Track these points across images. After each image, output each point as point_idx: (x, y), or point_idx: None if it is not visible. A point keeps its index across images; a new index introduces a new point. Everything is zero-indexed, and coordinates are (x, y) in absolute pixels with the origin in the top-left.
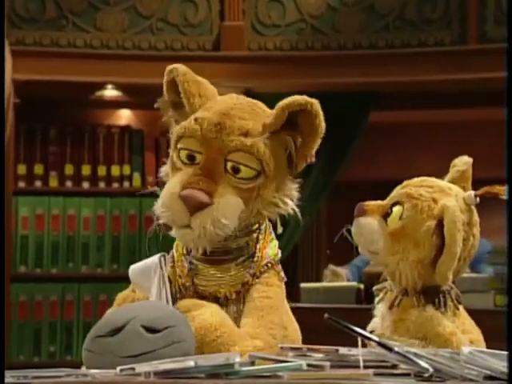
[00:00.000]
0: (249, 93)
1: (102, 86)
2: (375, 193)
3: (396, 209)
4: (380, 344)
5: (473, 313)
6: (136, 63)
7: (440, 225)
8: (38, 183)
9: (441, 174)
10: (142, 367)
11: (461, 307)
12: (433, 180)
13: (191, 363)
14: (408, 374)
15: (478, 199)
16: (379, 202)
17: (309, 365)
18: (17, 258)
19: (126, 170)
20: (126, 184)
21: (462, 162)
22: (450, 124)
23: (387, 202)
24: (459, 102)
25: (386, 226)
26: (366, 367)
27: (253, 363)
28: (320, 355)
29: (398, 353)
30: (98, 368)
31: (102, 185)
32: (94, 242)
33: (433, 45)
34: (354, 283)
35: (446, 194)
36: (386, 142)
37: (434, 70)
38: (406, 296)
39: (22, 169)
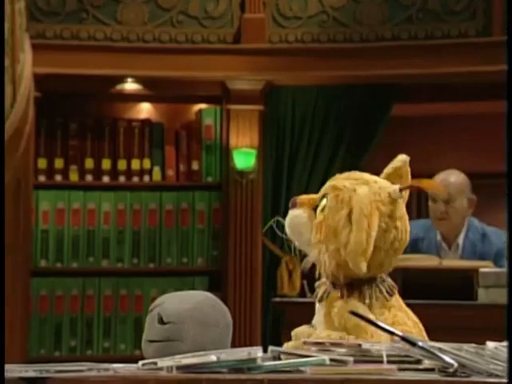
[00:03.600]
0: (269, 86)
1: (122, 79)
2: None
3: (323, 201)
4: (403, 339)
5: (497, 308)
6: (156, 56)
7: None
8: (59, 177)
9: (465, 168)
10: (164, 362)
11: (395, 299)
12: (361, 174)
13: (213, 358)
14: (432, 369)
15: (404, 193)
16: (311, 196)
17: (332, 360)
18: (37, 252)
19: (147, 163)
20: (146, 178)
21: (398, 160)
22: (474, 117)
23: (319, 195)
24: (483, 94)
25: (314, 218)
26: (389, 362)
27: (275, 358)
28: (343, 350)
29: (421, 347)
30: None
31: (122, 179)
32: (115, 237)
33: (457, 36)
34: None
35: (369, 186)
36: (410, 136)
37: (458, 62)
38: (333, 289)
39: (42, 163)
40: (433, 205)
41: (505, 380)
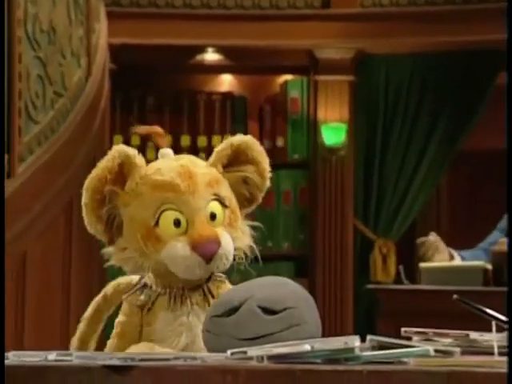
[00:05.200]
0: (361, 54)
1: (202, 49)
2: (502, 164)
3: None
4: None
5: None
6: (239, 24)
7: None
8: None
9: None
10: (254, 351)
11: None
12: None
13: (307, 347)
14: None
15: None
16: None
17: (436, 350)
18: None
19: None
20: None
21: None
22: None
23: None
24: None
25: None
26: (500, 354)
27: (374, 348)
28: (448, 340)
29: None
30: (217, 349)
31: (202, 156)
32: None
33: None
34: (481, 262)
35: None
36: None
37: None
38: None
39: (118, 140)
40: None
41: None
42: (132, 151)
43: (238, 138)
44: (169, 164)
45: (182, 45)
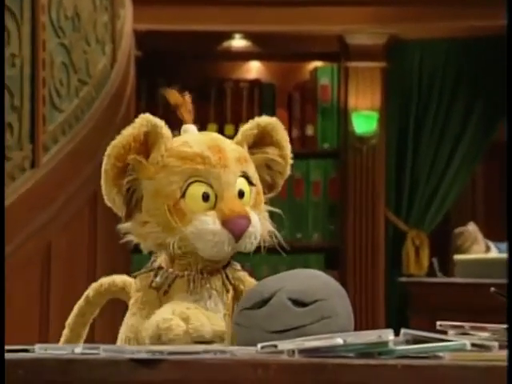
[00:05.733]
0: (394, 40)
1: (229, 35)
2: None
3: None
4: None
5: None
6: (267, 9)
7: None
8: None
9: None
10: (284, 344)
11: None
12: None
13: (340, 341)
14: None
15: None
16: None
17: (473, 345)
18: None
19: None
20: None
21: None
22: None
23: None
24: None
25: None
26: None
27: (408, 342)
28: (486, 334)
29: None
30: (247, 342)
31: None
32: None
33: None
34: None
35: None
36: None
37: None
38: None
39: None
40: None
41: None
42: (159, 121)
43: (265, 119)
44: (196, 137)
45: (208, 31)
